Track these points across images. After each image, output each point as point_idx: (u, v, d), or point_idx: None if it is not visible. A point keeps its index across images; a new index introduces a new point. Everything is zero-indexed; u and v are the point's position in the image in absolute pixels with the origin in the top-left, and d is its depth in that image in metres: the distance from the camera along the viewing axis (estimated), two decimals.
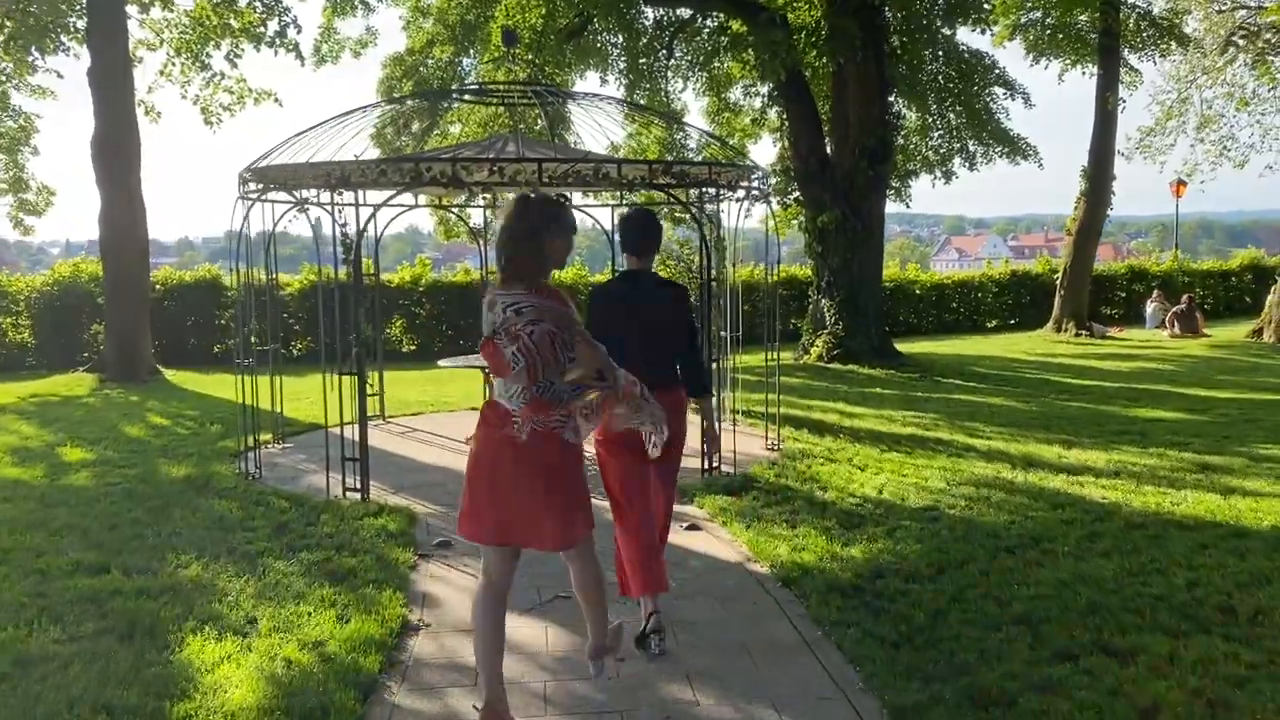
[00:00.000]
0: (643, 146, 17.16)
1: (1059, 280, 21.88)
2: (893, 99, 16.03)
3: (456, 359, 9.98)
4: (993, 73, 18.49)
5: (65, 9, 16.14)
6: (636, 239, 4.55)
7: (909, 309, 22.91)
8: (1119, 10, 19.52)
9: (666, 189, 7.85)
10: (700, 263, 8.04)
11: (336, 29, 18.69)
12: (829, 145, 15.84)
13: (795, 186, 16.34)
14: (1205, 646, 4.08)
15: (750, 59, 16.01)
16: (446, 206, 13.76)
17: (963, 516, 6.20)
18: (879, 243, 16.14)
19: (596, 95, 9.58)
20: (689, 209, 8.63)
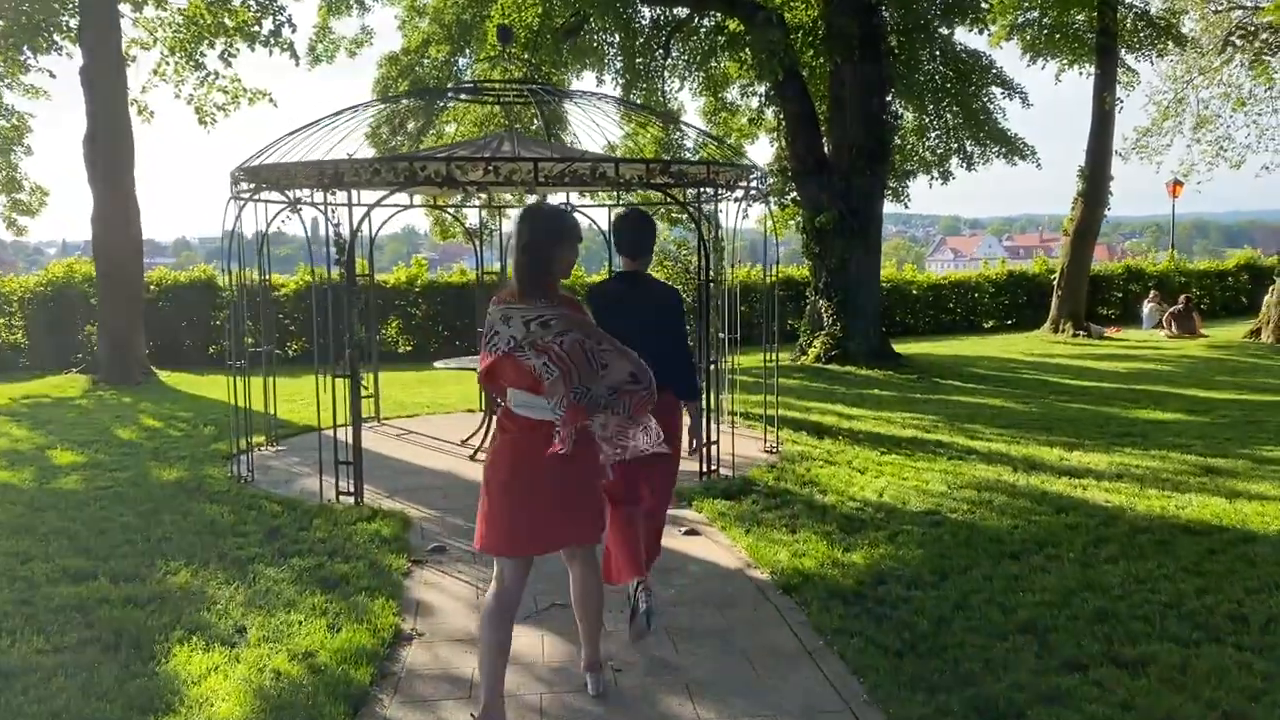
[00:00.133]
0: (639, 146, 17.05)
1: (1056, 281, 21.82)
2: (890, 99, 15.94)
3: (451, 360, 9.87)
4: (990, 72, 18.44)
5: (58, 7, 16.00)
6: (631, 240, 4.53)
7: (906, 309, 22.83)
8: (1116, 10, 19.46)
9: (664, 189, 7.75)
10: (698, 263, 7.95)
11: (331, 28, 18.64)
12: (826, 145, 15.73)
13: (792, 187, 16.23)
14: (1218, 656, 3.99)
15: (747, 58, 15.91)
16: (442, 207, 13.64)
17: (965, 521, 6.11)
18: (877, 243, 16.04)
19: (593, 94, 9.48)
20: (687, 209, 8.54)
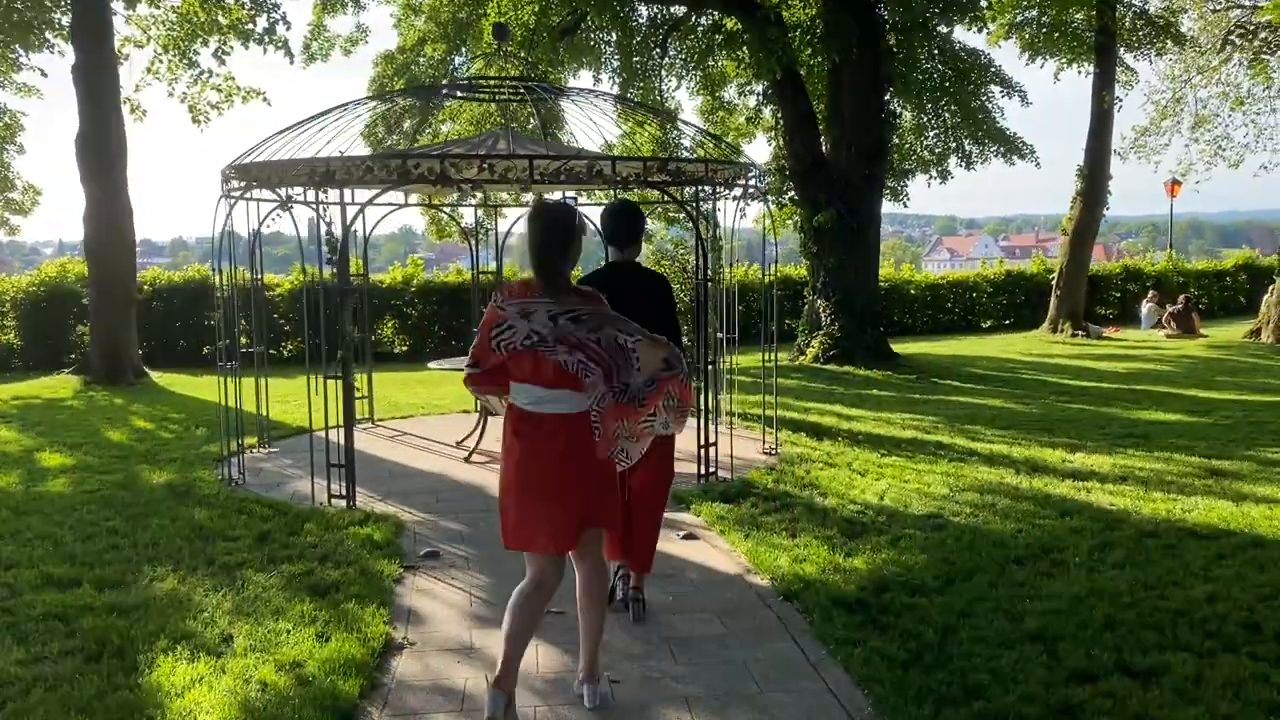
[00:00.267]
0: (637, 145, 16.94)
1: (1055, 280, 21.73)
2: (889, 97, 15.83)
3: (446, 361, 9.74)
4: (989, 71, 18.34)
5: (50, 4, 15.88)
6: (618, 230, 4.48)
7: (904, 309, 22.74)
8: (1115, 8, 19.36)
9: (662, 187, 7.63)
10: (696, 262, 7.83)
11: (326, 26, 18.54)
12: (825, 144, 15.63)
13: (790, 186, 16.12)
14: (1232, 667, 3.87)
15: (745, 57, 15.80)
16: (438, 206, 13.52)
17: (968, 524, 5.99)
18: (875, 242, 15.94)
19: (590, 91, 9.36)
20: (684, 207, 8.42)
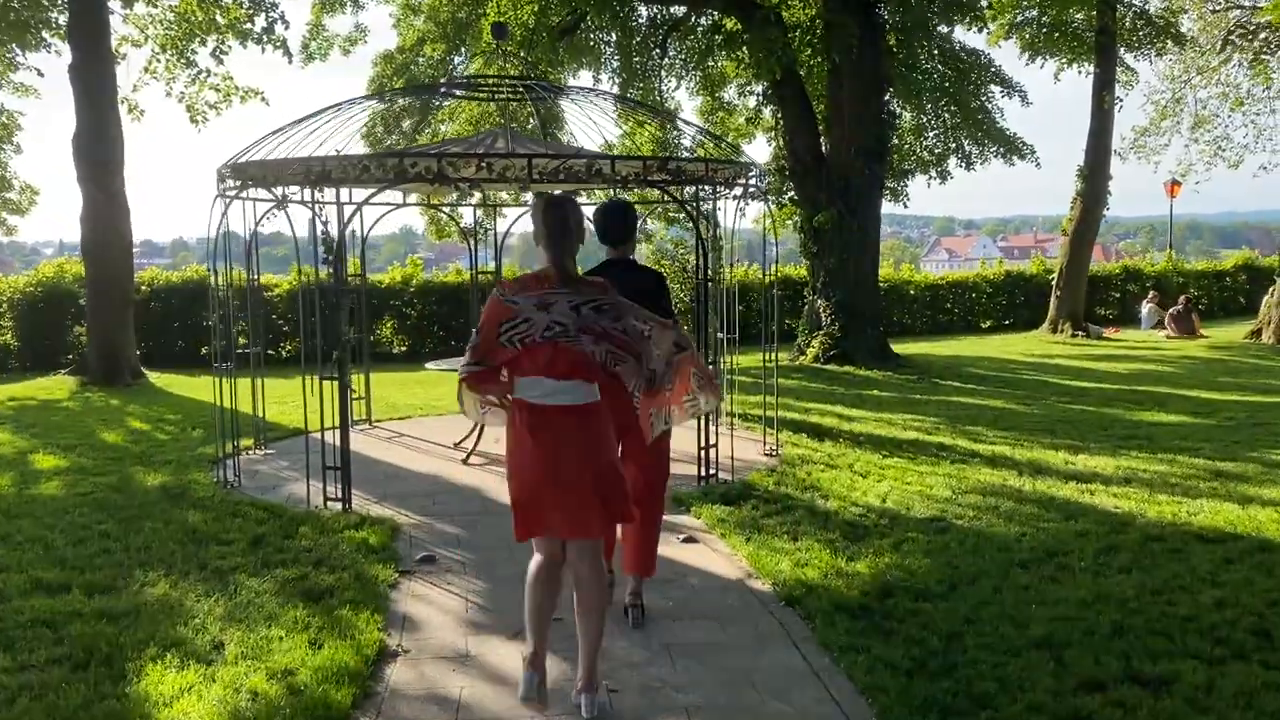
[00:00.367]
0: (637, 145, 16.89)
1: (1055, 281, 21.67)
2: (889, 97, 15.76)
3: (443, 362, 9.66)
4: (989, 71, 18.29)
5: (47, 4, 15.79)
6: (611, 228, 4.46)
7: (903, 309, 22.68)
8: (1115, 8, 19.30)
9: (662, 186, 7.56)
10: (696, 262, 7.76)
11: (325, 26, 18.45)
12: (825, 144, 15.56)
13: (790, 186, 16.05)
14: (1244, 676, 3.79)
15: (745, 57, 15.73)
16: (436, 206, 13.44)
17: (971, 527, 5.92)
18: (875, 243, 15.88)
19: (589, 90, 9.29)
20: (684, 207, 8.35)
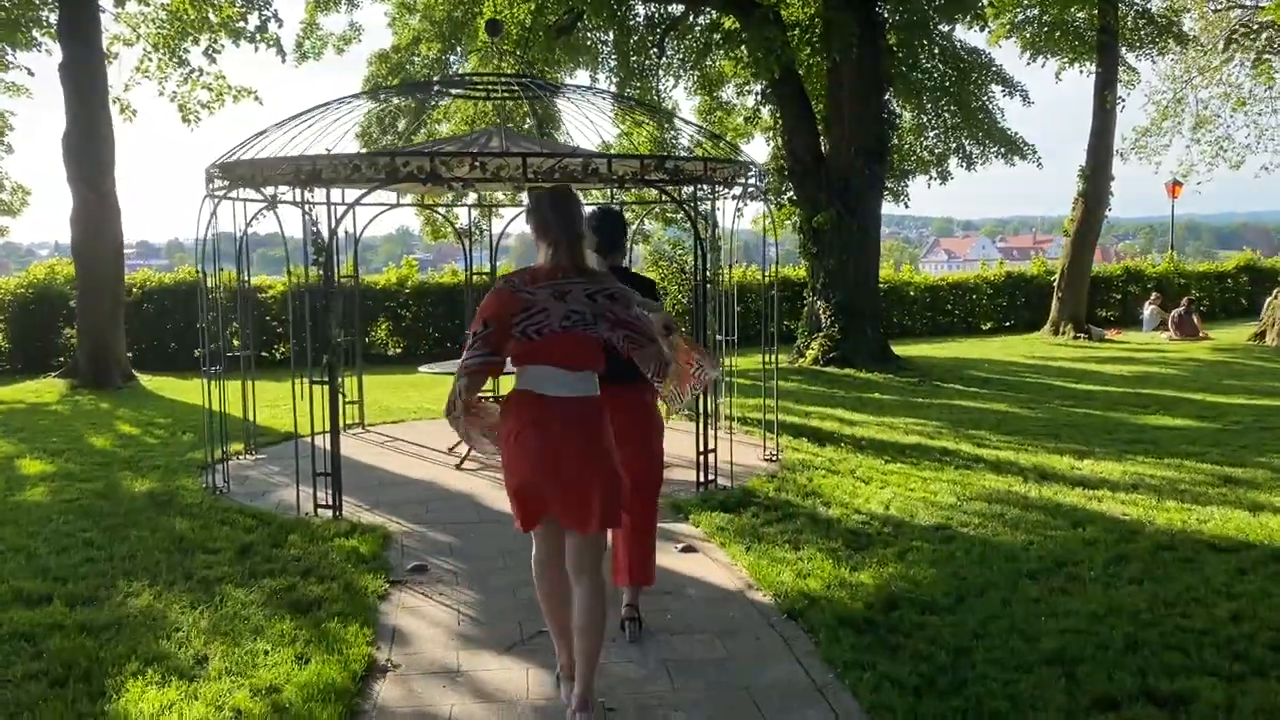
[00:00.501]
0: (634, 145, 16.75)
1: (1056, 282, 21.52)
2: (889, 97, 15.63)
3: (437, 365, 9.51)
4: (990, 70, 18.16)
5: (38, 2, 15.63)
6: (601, 236, 4.38)
7: (903, 311, 22.54)
8: (1117, 7, 19.19)
9: (659, 185, 7.41)
10: (694, 263, 7.62)
11: (319, 24, 18.30)
12: (824, 144, 15.42)
13: (790, 186, 15.90)
14: (1264, 693, 3.65)
15: (743, 56, 15.59)
16: (431, 206, 13.31)
17: (978, 536, 5.78)
18: (875, 243, 15.74)
19: (586, 88, 9.15)
20: (683, 207, 8.21)
